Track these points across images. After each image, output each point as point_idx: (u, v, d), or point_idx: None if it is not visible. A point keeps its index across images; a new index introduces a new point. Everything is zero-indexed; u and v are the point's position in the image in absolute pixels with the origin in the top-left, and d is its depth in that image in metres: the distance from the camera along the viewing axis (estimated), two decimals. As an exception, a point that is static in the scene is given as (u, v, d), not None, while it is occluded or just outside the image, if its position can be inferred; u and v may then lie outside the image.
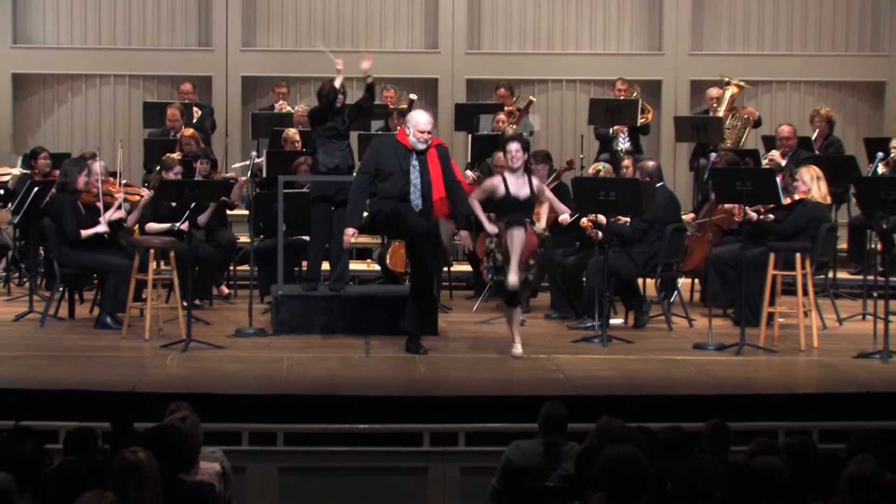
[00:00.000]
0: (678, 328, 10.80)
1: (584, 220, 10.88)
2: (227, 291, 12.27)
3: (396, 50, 15.52)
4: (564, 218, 10.90)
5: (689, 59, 15.68)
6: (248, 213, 12.10)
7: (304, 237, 11.42)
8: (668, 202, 10.88)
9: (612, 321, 10.50)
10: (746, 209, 10.33)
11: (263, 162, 12.54)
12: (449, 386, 8.77)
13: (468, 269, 12.58)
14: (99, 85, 15.73)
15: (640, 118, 13.81)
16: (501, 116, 13.12)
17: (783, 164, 12.09)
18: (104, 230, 10.59)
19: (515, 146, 9.56)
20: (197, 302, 11.10)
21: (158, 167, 11.71)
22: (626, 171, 11.57)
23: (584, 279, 11.00)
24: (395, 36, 15.77)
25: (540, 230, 9.68)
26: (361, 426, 8.20)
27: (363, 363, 9.46)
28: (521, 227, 9.45)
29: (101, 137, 15.13)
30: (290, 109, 14.30)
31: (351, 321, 10.35)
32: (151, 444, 5.47)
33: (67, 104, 15.76)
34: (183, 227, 10.68)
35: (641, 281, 11.12)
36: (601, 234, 10.56)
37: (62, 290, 10.96)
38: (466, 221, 9.79)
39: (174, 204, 10.78)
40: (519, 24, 15.80)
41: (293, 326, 10.37)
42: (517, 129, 12.75)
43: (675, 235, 10.85)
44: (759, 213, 10.45)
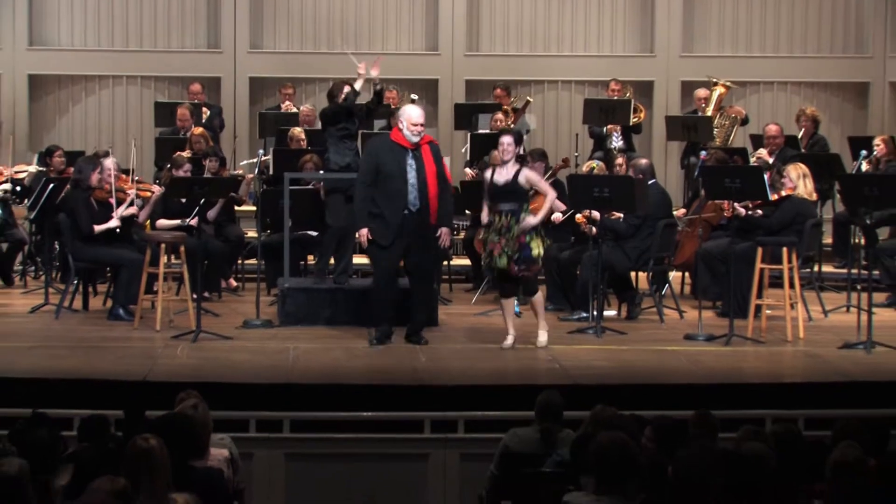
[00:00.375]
0: (669, 320, 10.84)
1: (578, 215, 10.91)
2: (235, 284, 12.29)
3: (398, 52, 15.46)
4: (557, 216, 10.93)
5: (679, 60, 15.65)
6: (255, 208, 12.20)
7: (309, 232, 11.53)
8: (659, 199, 10.90)
9: (605, 313, 10.51)
10: (735, 205, 10.37)
11: (270, 160, 12.55)
12: (449, 375, 8.83)
13: (467, 262, 12.64)
14: (112, 85, 15.71)
15: (632, 118, 13.79)
16: (499, 116, 13.05)
17: (770, 161, 12.09)
18: (117, 225, 10.64)
19: (508, 139, 9.52)
20: (206, 294, 11.14)
21: (169, 165, 11.79)
22: (619, 168, 11.63)
23: (578, 272, 11.00)
24: (397, 38, 15.78)
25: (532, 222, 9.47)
26: (365, 414, 8.27)
27: (366, 353, 9.50)
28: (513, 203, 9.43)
29: (113, 136, 15.11)
30: (295, 109, 14.34)
31: (355, 313, 10.34)
32: (162, 431, 5.51)
33: (82, 104, 15.73)
34: (193, 222, 10.78)
35: (634, 274, 11.13)
36: (595, 229, 10.56)
37: (76, 283, 11.02)
38: (448, 219, 9.84)
39: (184, 200, 10.82)
40: (516, 27, 15.79)
41: (299, 318, 10.42)
42: (515, 128, 12.85)
43: (666, 231, 10.87)
44: (747, 208, 10.45)
